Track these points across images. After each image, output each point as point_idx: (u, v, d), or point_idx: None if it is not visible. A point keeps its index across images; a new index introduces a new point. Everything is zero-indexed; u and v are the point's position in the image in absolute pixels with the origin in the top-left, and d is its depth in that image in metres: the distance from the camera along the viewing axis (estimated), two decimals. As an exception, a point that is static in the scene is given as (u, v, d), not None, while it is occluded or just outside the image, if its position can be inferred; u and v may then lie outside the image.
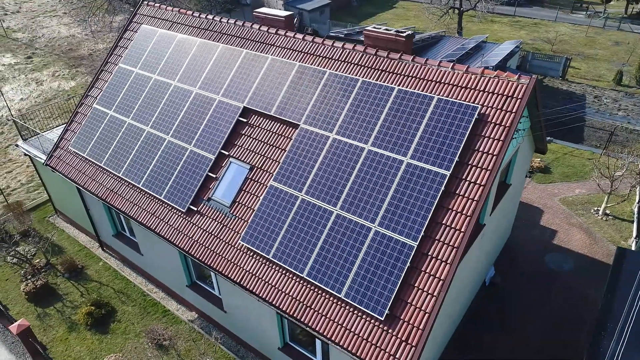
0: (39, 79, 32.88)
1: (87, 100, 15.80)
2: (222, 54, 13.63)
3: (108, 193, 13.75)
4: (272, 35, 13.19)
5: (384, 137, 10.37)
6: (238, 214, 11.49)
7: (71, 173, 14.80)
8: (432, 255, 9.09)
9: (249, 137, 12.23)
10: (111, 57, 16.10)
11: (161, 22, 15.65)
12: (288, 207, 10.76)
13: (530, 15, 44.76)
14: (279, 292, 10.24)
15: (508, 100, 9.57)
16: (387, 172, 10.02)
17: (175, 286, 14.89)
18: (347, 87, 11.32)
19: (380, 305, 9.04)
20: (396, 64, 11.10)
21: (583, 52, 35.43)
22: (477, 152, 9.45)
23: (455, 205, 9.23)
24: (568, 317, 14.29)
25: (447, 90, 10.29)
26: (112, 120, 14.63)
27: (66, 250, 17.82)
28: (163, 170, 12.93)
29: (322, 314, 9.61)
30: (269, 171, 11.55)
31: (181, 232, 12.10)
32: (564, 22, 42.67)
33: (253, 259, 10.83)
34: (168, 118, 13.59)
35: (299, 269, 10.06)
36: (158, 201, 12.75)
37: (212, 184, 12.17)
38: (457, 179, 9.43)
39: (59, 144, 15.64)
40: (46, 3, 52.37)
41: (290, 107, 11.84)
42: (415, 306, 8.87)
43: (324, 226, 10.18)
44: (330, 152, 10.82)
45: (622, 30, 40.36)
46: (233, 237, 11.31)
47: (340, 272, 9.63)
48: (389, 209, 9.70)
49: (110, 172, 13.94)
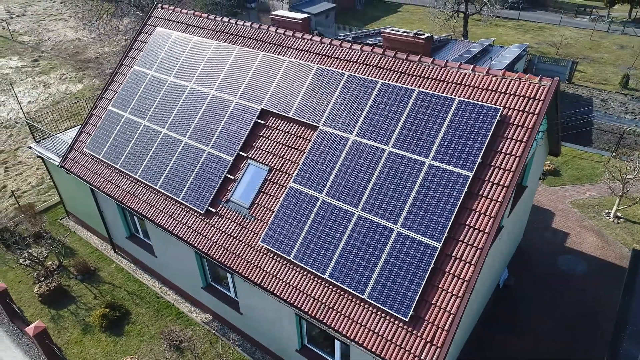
0: (47, 82, 32.98)
1: (102, 103, 15.86)
2: (239, 57, 13.69)
3: (124, 195, 13.77)
4: (289, 37, 13.26)
5: (404, 139, 10.41)
6: (257, 216, 11.52)
7: (86, 175, 14.83)
8: (455, 256, 9.12)
9: (267, 139, 12.27)
10: (125, 59, 16.16)
11: (176, 24, 15.72)
12: (308, 208, 10.79)
13: (535, 19, 44.93)
14: (300, 294, 10.25)
15: (530, 102, 9.61)
16: (408, 174, 10.06)
17: (189, 288, 14.89)
18: (366, 89, 11.37)
19: (404, 306, 9.06)
20: (416, 66, 11.15)
21: (588, 55, 35.55)
22: (500, 154, 9.49)
23: (479, 207, 9.26)
24: (582, 320, 14.29)
25: (468, 92, 10.34)
26: (128, 122, 14.68)
27: (78, 253, 17.83)
28: (180, 172, 12.96)
29: (345, 315, 9.62)
30: (288, 173, 11.58)
31: (199, 233, 12.11)
32: (568, 26, 42.84)
33: (273, 260, 10.85)
34: (185, 120, 13.63)
35: (321, 270, 10.07)
36: (176, 203, 12.78)
37: (231, 186, 12.20)
38: (479, 180, 9.46)
39: (73, 145, 15.67)
40: (51, 6, 52.59)
41: (309, 109, 11.89)
42: (440, 307, 8.89)
43: (346, 227, 10.21)
44: (351, 154, 10.86)
45: (626, 34, 40.51)
46: (253, 239, 11.33)
47: (363, 274, 9.65)
48: (411, 210, 9.72)
49: (127, 174, 13.98)
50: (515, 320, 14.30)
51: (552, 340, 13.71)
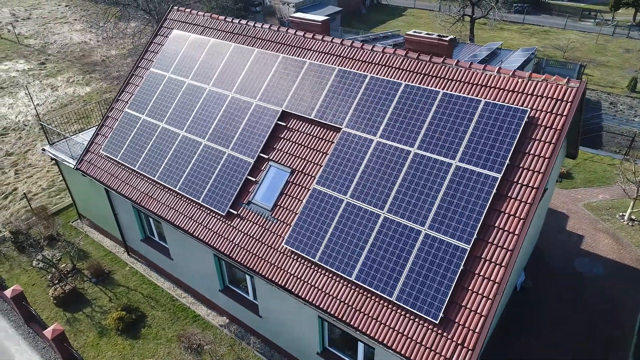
0: (54, 85, 32.98)
1: (118, 105, 15.83)
2: (258, 59, 13.68)
3: (142, 197, 13.72)
4: (309, 39, 13.26)
5: (430, 140, 10.38)
6: (280, 218, 11.47)
7: (103, 177, 14.78)
8: (485, 258, 9.07)
9: (289, 140, 12.24)
10: (141, 61, 16.15)
11: (192, 27, 15.72)
12: (333, 210, 10.75)
13: (539, 23, 45.06)
14: (325, 295, 10.19)
15: (558, 104, 9.60)
16: (435, 175, 10.03)
17: (206, 291, 14.82)
18: (389, 91, 11.35)
19: (434, 308, 9.00)
20: (439, 67, 11.14)
21: (595, 59, 35.63)
22: (528, 155, 9.47)
23: (508, 208, 9.23)
24: (602, 322, 14.22)
25: (494, 94, 10.32)
26: (145, 124, 14.65)
27: (92, 255, 17.76)
28: (200, 174, 12.92)
29: (372, 317, 9.56)
30: (311, 174, 11.54)
31: (221, 235, 12.06)
32: (573, 30, 42.97)
33: (297, 263, 10.80)
34: (203, 122, 13.61)
35: (347, 272, 10.02)
36: (196, 205, 12.73)
37: (252, 188, 12.16)
38: (508, 181, 9.43)
39: (89, 148, 15.64)
40: (56, 10, 52.71)
41: (331, 110, 11.86)
42: (470, 309, 8.83)
43: (372, 229, 10.16)
44: (375, 156, 10.83)
45: (631, 38, 40.64)
46: (276, 241, 11.28)
47: (390, 276, 9.60)
48: (439, 212, 9.69)
49: (145, 176, 13.93)
50: (533, 323, 14.24)
51: (571, 342, 13.64)
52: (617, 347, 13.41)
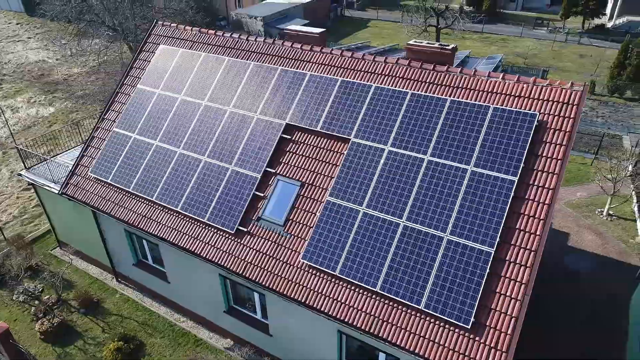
0: (14, 106, 31.28)
1: (104, 124, 15.15)
2: (254, 72, 13.49)
3: (140, 219, 13.13)
4: (307, 52, 13.22)
5: (443, 147, 10.52)
6: (293, 232, 11.25)
7: (93, 200, 14.05)
8: (510, 260, 9.23)
9: (295, 153, 12.08)
10: (127, 78, 15.58)
11: (180, 41, 15.34)
12: (349, 221, 10.66)
13: (497, 32, 47.09)
14: (349, 309, 10.04)
15: (565, 107, 9.98)
16: (451, 181, 10.16)
17: (209, 313, 14.28)
18: (396, 100, 11.46)
19: (464, 313, 9.04)
20: (444, 76, 11.36)
21: (553, 64, 37.54)
22: (542, 158, 9.77)
23: (527, 210, 9.46)
24: (604, 316, 14.75)
25: (501, 99, 10.62)
26: (137, 143, 14.08)
27: (77, 284, 16.76)
28: (203, 191, 12.51)
29: (401, 327, 9.49)
30: (322, 187, 11.42)
31: (231, 254, 11.69)
32: (529, 37, 45.16)
33: (317, 277, 10.60)
34: (202, 138, 13.23)
35: (371, 283, 9.93)
36: (201, 224, 12.29)
37: (261, 203, 11.88)
38: (525, 184, 9.68)
39: (75, 170, 14.85)
40: (6, 28, 50.21)
41: (338, 122, 11.83)
42: (500, 312, 8.94)
43: (392, 238, 10.14)
44: (388, 165, 10.85)
45: (582, 44, 43.14)
46: (291, 256, 11.04)
47: (417, 284, 9.58)
48: (459, 217, 9.79)
49: (141, 197, 13.35)
50: (535, 319, 14.60)
51: (572, 337, 14.07)
52: (614, 340, 13.95)
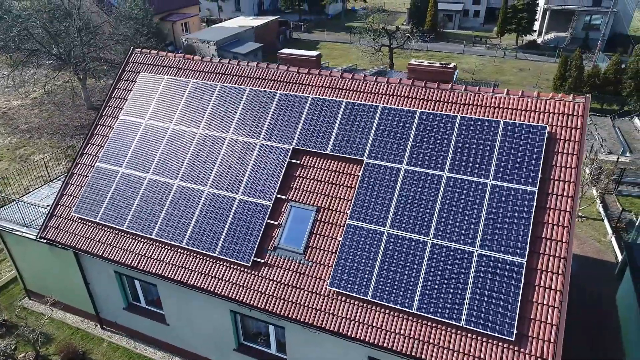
0: (-51, 145, 28.33)
1: (84, 159, 14.05)
2: (251, 97, 13.14)
3: (138, 259, 12.18)
4: (305, 75, 13.09)
5: (460, 163, 10.72)
6: (315, 259, 10.90)
7: (79, 243, 12.88)
8: (542, 269, 9.47)
9: (306, 178, 11.81)
10: (106, 110, 14.60)
11: (163, 68, 14.67)
12: (375, 243, 10.50)
13: (441, 50, 49.60)
14: (387, 333, 9.81)
15: (571, 118, 10.54)
16: (473, 196, 10.33)
17: (215, 352, 13.42)
18: (405, 119, 11.57)
19: (506, 326, 9.11)
20: (449, 93, 11.66)
21: (497, 79, 39.98)
22: (556, 167, 10.20)
23: (551, 219, 9.79)
24: (594, 317, 15.50)
25: (508, 114, 11.03)
26: (126, 178, 13.15)
27: (55, 337, 15.21)
28: (209, 224, 11.86)
29: (444, 347, 9.39)
30: (340, 210, 11.21)
31: (247, 287, 11.09)
32: (470, 54, 47.94)
33: (347, 303, 10.29)
34: (200, 169, 12.60)
35: (407, 305, 9.78)
36: (211, 259, 11.60)
37: (275, 232, 11.44)
38: (544, 194, 10.04)
39: (54, 211, 13.58)
40: None
41: (348, 143, 11.73)
42: (541, 321, 9.10)
43: (422, 257, 10.10)
44: (406, 184, 10.87)
45: (519, 59, 46.46)
46: (316, 284, 10.66)
47: (454, 301, 9.56)
48: (486, 230, 9.95)
49: (137, 235, 12.42)
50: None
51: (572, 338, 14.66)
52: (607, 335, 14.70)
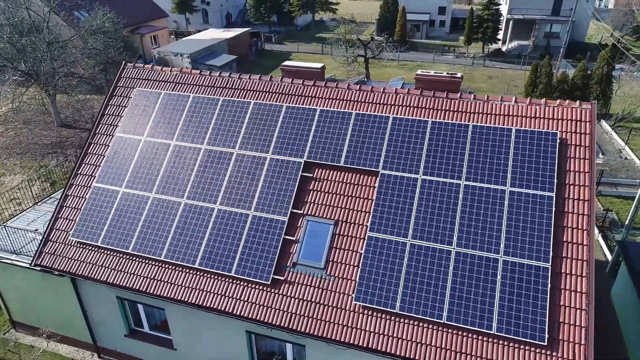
0: None
1: (79, 180, 13.35)
2: (257, 111, 12.89)
3: (148, 282, 11.62)
4: (310, 87, 12.97)
5: (476, 171, 10.84)
6: (337, 274, 10.72)
7: (80, 269, 12.18)
8: (566, 272, 9.65)
9: (320, 191, 11.64)
10: (99, 127, 13.97)
11: (159, 83, 14.20)
12: (398, 255, 10.43)
13: (412, 59, 50.67)
14: (417, 345, 9.72)
15: (580, 124, 10.88)
16: (493, 203, 10.46)
17: (227, 376, 12.94)
18: (417, 129, 11.63)
19: (537, 331, 9.21)
20: (458, 102, 11.82)
21: (470, 86, 41.15)
22: (570, 172, 10.48)
23: (570, 222, 10.02)
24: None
25: (519, 121, 11.27)
26: (128, 198, 12.58)
27: (49, 370, 14.28)
28: (223, 243, 11.47)
29: (476, 355, 9.38)
30: (359, 223, 11.09)
31: (267, 306, 10.76)
32: (441, 63, 49.22)
33: (373, 317, 10.14)
34: (208, 185, 12.21)
35: (436, 316, 9.73)
36: (226, 278, 11.21)
37: (293, 248, 11.19)
38: (562, 199, 10.28)
39: (49, 236, 12.80)
40: None
41: (361, 155, 11.67)
42: (570, 324, 9.25)
43: (447, 267, 10.10)
44: (424, 193, 10.89)
45: (487, 67, 48.07)
46: (340, 299, 10.47)
47: (483, 309, 9.59)
48: (508, 237, 10.08)
49: (145, 258, 11.86)
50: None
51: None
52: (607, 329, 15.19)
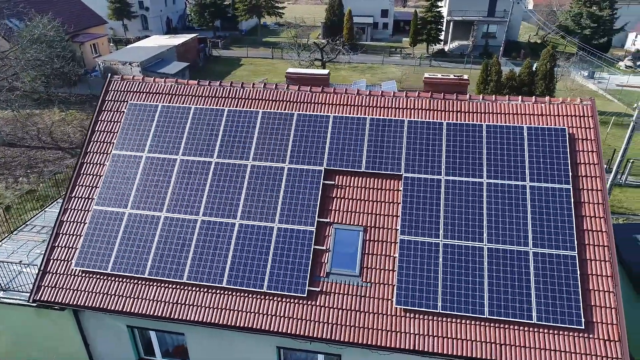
0: None
1: (74, 204, 12.31)
2: (266, 120, 12.58)
3: (170, 307, 10.95)
4: (319, 94, 12.86)
5: (496, 169, 11.29)
6: (374, 280, 10.70)
7: (89, 300, 11.23)
8: (591, 259, 10.30)
9: (345, 198, 11.58)
10: (90, 145, 12.97)
11: (153, 96, 13.44)
12: (432, 255, 10.62)
13: (362, 61, 51.71)
14: (463, 342, 9.93)
15: (583, 119, 11.66)
16: (515, 198, 10.94)
17: (252, 395, 12.48)
18: (434, 131, 11.91)
19: (574, 316, 9.76)
20: (467, 104, 12.24)
21: (422, 85, 42.70)
22: (581, 165, 11.21)
23: (588, 212, 10.72)
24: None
25: (526, 119, 11.89)
26: (135, 219, 11.78)
27: (47, 413, 13.00)
28: (249, 259, 11.07)
29: (520, 346, 9.76)
30: (388, 227, 11.15)
31: (304, 319, 10.53)
32: (389, 64, 50.67)
33: (415, 319, 10.23)
34: (224, 200, 11.74)
35: (478, 311, 10.01)
36: (258, 295, 10.81)
37: (323, 258, 11.03)
38: (577, 190, 10.96)
39: (47, 268, 11.68)
40: None
41: (382, 159, 11.75)
42: (601, 306, 9.88)
43: (481, 263, 10.43)
44: (449, 194, 11.17)
45: (433, 66, 50.17)
46: (380, 304, 10.46)
47: (521, 300, 10.00)
48: (534, 229, 10.59)
49: (164, 282, 11.17)
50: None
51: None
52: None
